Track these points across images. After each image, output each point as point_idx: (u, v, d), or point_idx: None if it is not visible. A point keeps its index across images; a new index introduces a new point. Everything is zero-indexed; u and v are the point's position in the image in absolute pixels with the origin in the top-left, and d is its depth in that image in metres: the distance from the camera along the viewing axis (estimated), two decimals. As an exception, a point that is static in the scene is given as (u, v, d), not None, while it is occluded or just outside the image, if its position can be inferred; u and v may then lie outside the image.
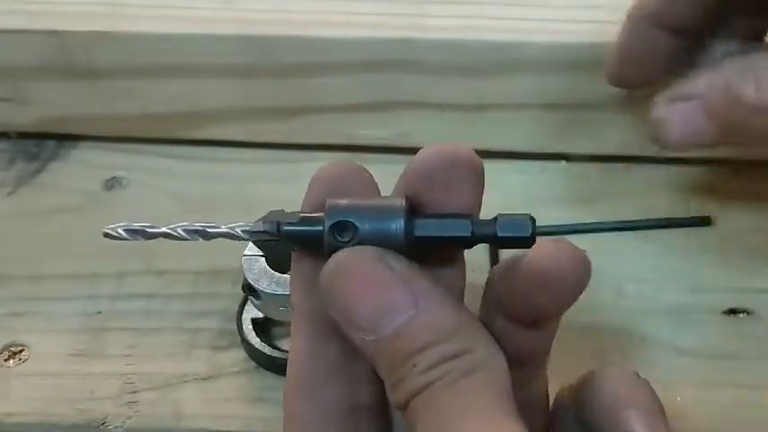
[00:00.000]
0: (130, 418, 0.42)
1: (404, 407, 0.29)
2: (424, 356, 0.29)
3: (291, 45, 0.49)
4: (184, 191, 0.52)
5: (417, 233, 0.31)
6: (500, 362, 0.29)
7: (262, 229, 0.32)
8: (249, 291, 0.42)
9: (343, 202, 0.31)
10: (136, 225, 0.34)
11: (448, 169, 0.31)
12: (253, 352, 0.43)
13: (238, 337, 0.44)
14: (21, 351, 0.45)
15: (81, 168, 0.53)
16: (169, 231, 0.34)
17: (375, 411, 0.33)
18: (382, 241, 0.30)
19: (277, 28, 0.49)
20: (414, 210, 0.31)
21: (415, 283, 0.30)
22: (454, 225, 0.31)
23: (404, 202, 0.31)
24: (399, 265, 0.30)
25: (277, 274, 0.41)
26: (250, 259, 0.42)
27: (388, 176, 0.47)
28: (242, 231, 0.33)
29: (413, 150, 0.43)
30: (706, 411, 0.42)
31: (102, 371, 0.44)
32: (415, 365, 0.29)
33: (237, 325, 0.44)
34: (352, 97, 0.50)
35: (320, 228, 0.31)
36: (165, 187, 0.52)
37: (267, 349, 0.43)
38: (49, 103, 0.53)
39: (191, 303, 0.46)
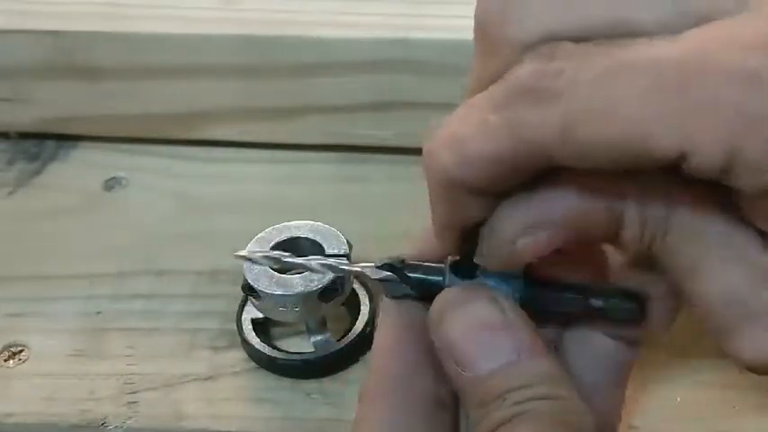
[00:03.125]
0: (130, 418, 0.42)
1: None
2: (517, 394, 0.29)
3: (291, 45, 0.49)
4: (184, 191, 0.52)
5: (533, 306, 0.32)
6: (588, 418, 0.30)
7: (387, 272, 0.33)
8: (249, 291, 0.42)
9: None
10: (274, 253, 0.36)
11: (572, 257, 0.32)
12: (253, 352, 0.43)
13: (238, 338, 0.44)
14: (21, 351, 0.45)
15: (81, 168, 0.53)
16: (304, 263, 0.36)
17: (455, 413, 0.33)
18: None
19: (277, 28, 0.49)
20: (527, 268, 0.32)
21: (522, 331, 0.30)
22: (566, 301, 0.32)
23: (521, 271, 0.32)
24: (511, 310, 0.31)
25: (277, 274, 0.41)
26: (250, 259, 0.42)
27: (388, 176, 0.47)
28: (370, 271, 0.34)
29: (413, 150, 0.43)
30: (707, 412, 0.41)
31: (102, 371, 0.44)
32: (505, 399, 0.29)
33: (237, 325, 0.44)
34: (352, 97, 0.50)
35: (440, 278, 0.32)
36: (165, 187, 0.52)
37: (267, 349, 0.43)
38: (49, 103, 0.53)
39: (191, 303, 0.46)
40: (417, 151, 0.55)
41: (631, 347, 0.34)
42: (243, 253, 0.35)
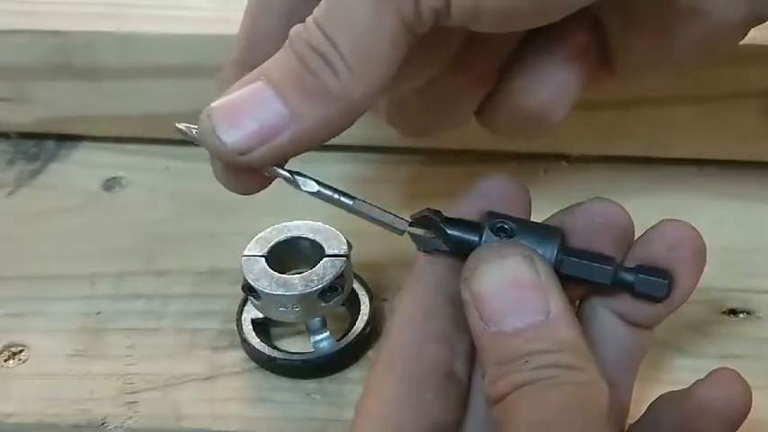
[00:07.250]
0: (130, 418, 0.42)
1: (500, 399, 0.29)
2: (539, 357, 0.29)
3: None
4: (184, 191, 0.52)
5: (563, 270, 0.32)
6: (606, 390, 0.30)
7: (423, 226, 0.33)
8: (249, 291, 0.42)
9: (504, 213, 0.33)
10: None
11: (605, 230, 0.33)
12: (253, 352, 0.43)
13: (238, 338, 0.44)
14: (21, 351, 0.45)
15: (81, 168, 0.54)
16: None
17: (466, 386, 0.33)
18: None
19: (277, 28, 0.49)
20: (563, 236, 0.33)
21: (554, 295, 0.31)
22: (597, 272, 0.33)
23: (560, 233, 0.33)
24: (545, 271, 0.31)
25: (277, 274, 0.41)
26: (250, 259, 0.42)
27: (388, 176, 0.47)
28: (401, 224, 0.33)
29: (413, 150, 0.43)
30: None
31: (102, 371, 0.44)
32: (527, 361, 0.29)
33: (237, 325, 0.44)
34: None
35: (476, 238, 0.32)
36: (165, 187, 0.52)
37: (267, 349, 0.43)
38: (49, 103, 0.53)
39: (191, 303, 0.46)
40: (418, 151, 0.54)
41: (642, 335, 0.34)
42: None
